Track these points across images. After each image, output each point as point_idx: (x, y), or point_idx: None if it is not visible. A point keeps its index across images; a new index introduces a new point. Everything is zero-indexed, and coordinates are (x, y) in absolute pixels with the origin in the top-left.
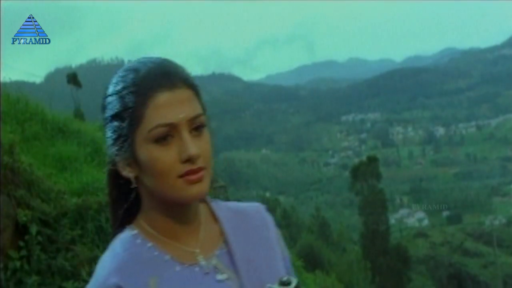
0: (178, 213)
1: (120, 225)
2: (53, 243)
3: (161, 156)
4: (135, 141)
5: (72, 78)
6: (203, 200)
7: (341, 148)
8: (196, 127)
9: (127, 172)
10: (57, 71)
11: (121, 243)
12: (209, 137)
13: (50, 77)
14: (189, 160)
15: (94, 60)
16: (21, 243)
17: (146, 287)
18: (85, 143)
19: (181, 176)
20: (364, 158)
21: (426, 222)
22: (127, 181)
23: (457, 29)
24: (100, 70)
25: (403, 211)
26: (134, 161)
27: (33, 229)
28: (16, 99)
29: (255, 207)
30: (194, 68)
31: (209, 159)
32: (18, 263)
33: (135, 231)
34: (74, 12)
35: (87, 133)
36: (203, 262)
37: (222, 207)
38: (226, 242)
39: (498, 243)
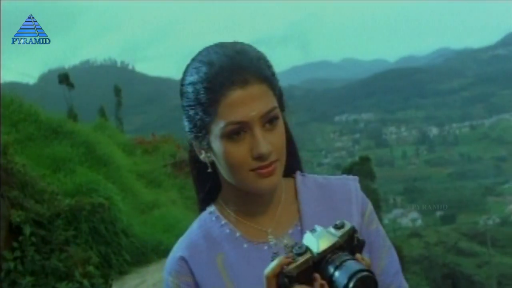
0: (253, 197)
1: (205, 203)
2: (47, 244)
3: (233, 151)
4: (209, 133)
5: (64, 78)
6: (290, 175)
7: (334, 148)
8: (270, 120)
9: (203, 157)
10: (51, 72)
11: (199, 220)
12: (283, 128)
13: (44, 78)
14: (260, 157)
15: (87, 61)
16: (15, 244)
17: (213, 262)
18: (78, 144)
19: (252, 170)
20: (357, 158)
21: (420, 222)
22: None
23: (451, 29)
24: (94, 71)
25: (397, 211)
26: (209, 148)
27: (27, 230)
28: (10, 100)
29: (342, 180)
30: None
31: (282, 150)
32: (12, 264)
33: (213, 209)
34: (68, 13)
35: (80, 134)
36: (272, 241)
37: (309, 182)
38: (301, 220)
39: (493, 242)
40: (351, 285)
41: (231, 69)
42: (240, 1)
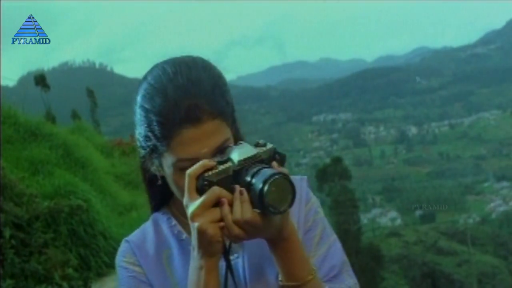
0: None
1: (158, 206)
2: (26, 246)
3: (183, 183)
4: (161, 158)
5: (40, 80)
6: None
7: (312, 148)
8: (221, 151)
9: (154, 170)
10: (30, 74)
11: (153, 217)
12: None
13: (23, 81)
14: None
15: (66, 63)
16: None
17: (160, 256)
18: (57, 146)
19: None
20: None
21: (399, 221)
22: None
23: (429, 28)
24: (72, 73)
25: (375, 211)
26: (160, 167)
27: (7, 232)
28: None
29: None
30: None
31: None
32: None
33: (165, 210)
34: (46, 14)
35: (59, 136)
36: None
37: None
38: None
39: (472, 241)
40: (266, 188)
41: (184, 105)
42: (215, 2)
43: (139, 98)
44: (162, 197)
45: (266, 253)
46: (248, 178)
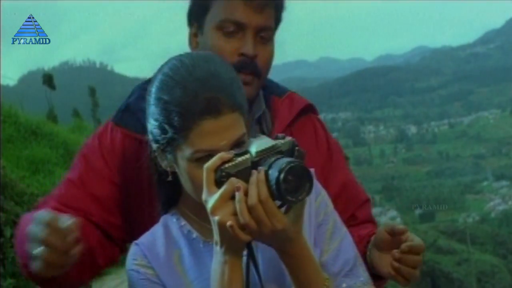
0: None
1: (166, 206)
2: None
3: (200, 175)
4: (176, 152)
5: (48, 79)
6: None
7: None
8: (238, 145)
9: (165, 166)
10: (31, 74)
11: (162, 219)
12: None
13: (24, 80)
14: None
15: (66, 62)
16: None
17: (170, 257)
18: (57, 145)
19: None
20: None
21: (398, 220)
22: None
23: (429, 27)
24: (73, 72)
25: (375, 210)
26: (174, 163)
27: (7, 232)
28: None
29: None
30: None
31: None
32: None
33: (174, 211)
34: (47, 14)
35: (59, 135)
36: None
37: None
38: None
39: (472, 240)
40: (281, 176)
41: (205, 97)
42: None
43: (155, 90)
44: (171, 196)
45: None
46: (265, 168)
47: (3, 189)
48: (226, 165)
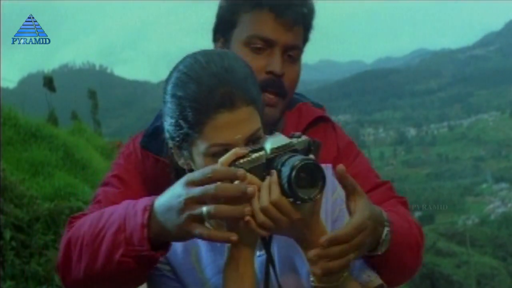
0: None
1: None
2: (27, 248)
3: None
4: (191, 147)
5: (48, 81)
6: None
7: None
8: (253, 141)
9: (182, 163)
10: (30, 76)
11: None
12: None
13: (24, 82)
14: None
15: (66, 65)
16: None
17: (188, 255)
18: (57, 148)
19: None
20: None
21: None
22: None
23: (428, 30)
24: (72, 75)
25: None
26: (190, 158)
27: (7, 234)
28: None
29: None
30: (165, 70)
31: None
32: None
33: None
34: (46, 16)
35: (59, 138)
36: None
37: None
38: None
39: (471, 242)
40: (293, 173)
41: (219, 91)
42: (215, 2)
43: (170, 87)
44: None
45: (296, 247)
46: (278, 166)
47: (2, 192)
48: (241, 161)
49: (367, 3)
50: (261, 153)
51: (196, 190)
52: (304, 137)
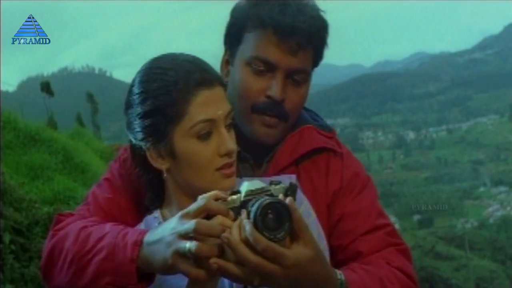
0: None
1: (151, 203)
2: (26, 251)
3: (201, 150)
4: (173, 136)
5: (46, 86)
6: None
7: None
8: (229, 125)
9: (159, 164)
10: (30, 80)
11: (145, 221)
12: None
13: (24, 86)
14: (227, 154)
15: (65, 69)
16: None
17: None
18: (56, 151)
19: (218, 169)
20: None
21: (397, 226)
22: (155, 172)
23: (427, 33)
24: (72, 78)
25: None
26: (169, 154)
27: (7, 238)
28: None
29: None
30: None
31: (235, 155)
32: None
33: (157, 215)
34: (46, 19)
35: (58, 142)
36: None
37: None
38: None
39: (470, 246)
40: (258, 211)
41: (197, 71)
42: (216, 3)
43: (138, 89)
44: (156, 198)
45: None
46: (249, 208)
47: (2, 195)
48: (218, 202)
49: (366, 7)
50: (237, 195)
51: (185, 225)
52: (282, 184)
